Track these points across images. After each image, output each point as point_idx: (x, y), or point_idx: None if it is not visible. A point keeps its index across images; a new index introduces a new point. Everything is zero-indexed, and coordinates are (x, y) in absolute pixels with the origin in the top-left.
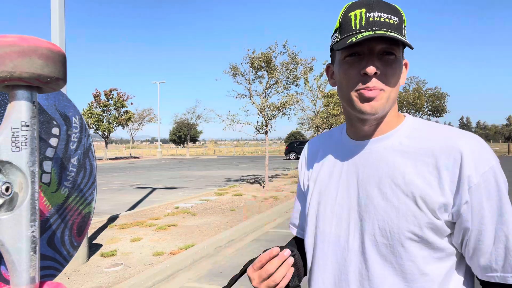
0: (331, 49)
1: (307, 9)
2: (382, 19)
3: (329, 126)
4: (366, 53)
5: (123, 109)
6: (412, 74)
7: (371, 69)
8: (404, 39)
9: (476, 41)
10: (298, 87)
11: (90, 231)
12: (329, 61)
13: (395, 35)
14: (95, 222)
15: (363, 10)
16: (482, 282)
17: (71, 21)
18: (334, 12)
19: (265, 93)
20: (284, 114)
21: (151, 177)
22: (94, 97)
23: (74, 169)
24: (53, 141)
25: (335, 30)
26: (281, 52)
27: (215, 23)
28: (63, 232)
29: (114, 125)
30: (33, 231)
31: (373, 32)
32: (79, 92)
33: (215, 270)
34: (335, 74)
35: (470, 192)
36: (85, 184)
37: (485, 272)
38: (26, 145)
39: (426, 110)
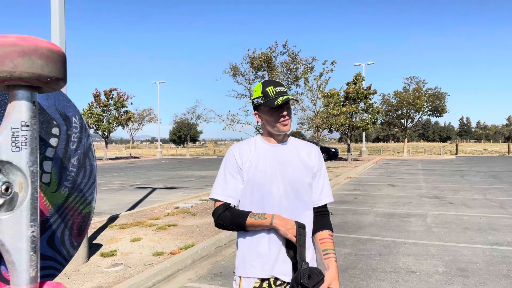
0: (259, 105)
1: (307, 9)
2: (281, 90)
3: (329, 126)
4: (280, 106)
5: (123, 109)
6: (412, 74)
7: (285, 113)
8: (294, 98)
9: (477, 40)
10: (299, 87)
11: (90, 231)
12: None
13: (293, 97)
14: (95, 222)
15: (272, 87)
16: (316, 209)
17: (71, 20)
18: (332, 12)
19: None
20: None
21: (151, 177)
22: (94, 97)
23: (74, 169)
24: (53, 141)
25: (259, 96)
26: (281, 52)
27: (216, 23)
28: (63, 232)
29: (114, 125)
30: (33, 231)
31: (284, 97)
32: (79, 92)
33: (215, 270)
34: (261, 116)
35: (318, 162)
36: (85, 184)
37: (318, 200)
38: (26, 145)
39: (426, 110)
